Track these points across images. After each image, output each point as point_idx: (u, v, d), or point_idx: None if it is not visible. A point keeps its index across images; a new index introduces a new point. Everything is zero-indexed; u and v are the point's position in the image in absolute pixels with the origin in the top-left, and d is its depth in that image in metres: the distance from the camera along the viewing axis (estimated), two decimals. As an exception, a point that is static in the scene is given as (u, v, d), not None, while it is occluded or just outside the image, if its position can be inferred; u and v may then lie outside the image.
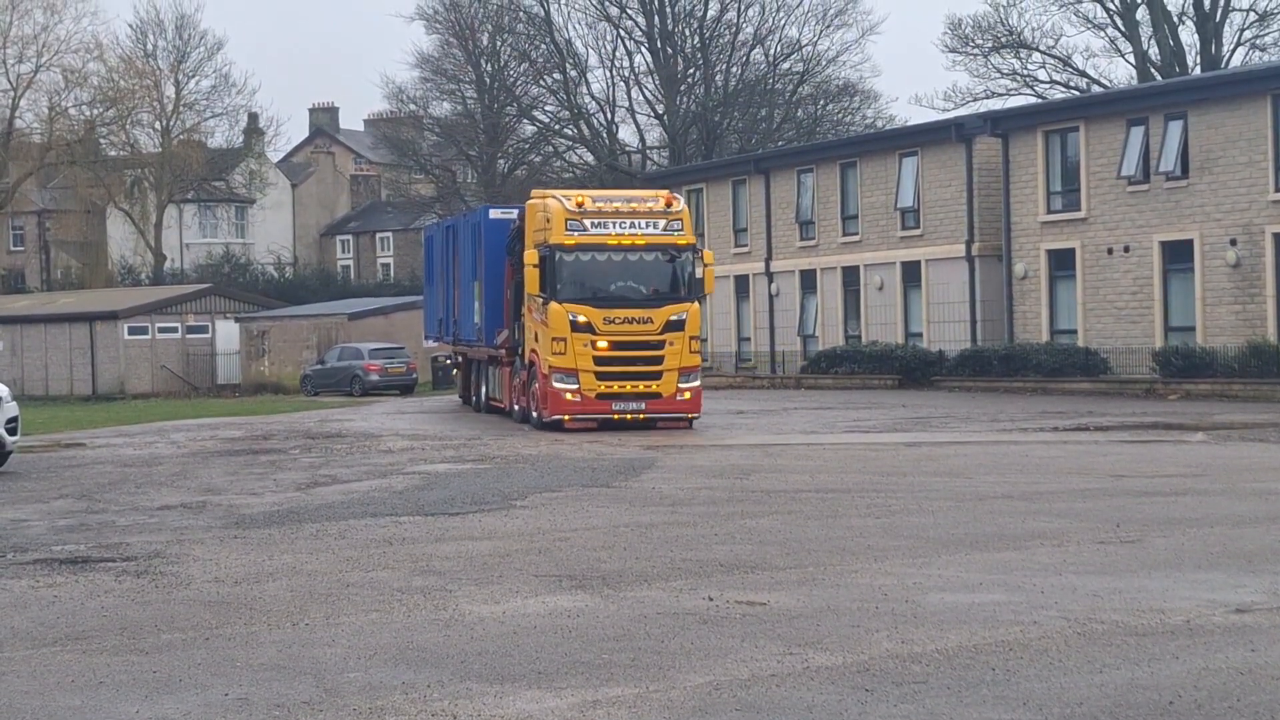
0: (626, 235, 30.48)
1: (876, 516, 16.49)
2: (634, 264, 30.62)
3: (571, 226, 30.36)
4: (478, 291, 35.91)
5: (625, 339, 30.25)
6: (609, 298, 30.47)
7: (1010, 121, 47.92)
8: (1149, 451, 24.63)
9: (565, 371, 30.22)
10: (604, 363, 30.23)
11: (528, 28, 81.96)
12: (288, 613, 11.46)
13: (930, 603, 11.40)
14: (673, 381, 30.44)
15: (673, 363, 30.41)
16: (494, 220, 35.11)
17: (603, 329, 30.15)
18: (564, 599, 11.78)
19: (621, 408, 30.45)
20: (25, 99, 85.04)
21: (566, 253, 30.29)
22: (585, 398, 30.28)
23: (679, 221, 30.89)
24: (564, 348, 30.13)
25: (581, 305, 30.21)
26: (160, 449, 28.85)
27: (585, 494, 19.28)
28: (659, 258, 30.65)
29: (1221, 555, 13.49)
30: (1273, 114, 39.63)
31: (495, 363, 35.84)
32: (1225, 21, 67.10)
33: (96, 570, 13.70)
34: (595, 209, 30.67)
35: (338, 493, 19.99)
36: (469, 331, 37.33)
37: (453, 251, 39.20)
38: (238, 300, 75.72)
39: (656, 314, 30.34)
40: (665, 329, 30.32)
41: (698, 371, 31.32)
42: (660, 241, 30.59)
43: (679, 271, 30.73)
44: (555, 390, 30.31)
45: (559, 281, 30.24)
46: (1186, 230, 41.63)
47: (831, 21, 79.56)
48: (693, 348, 30.78)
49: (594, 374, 30.22)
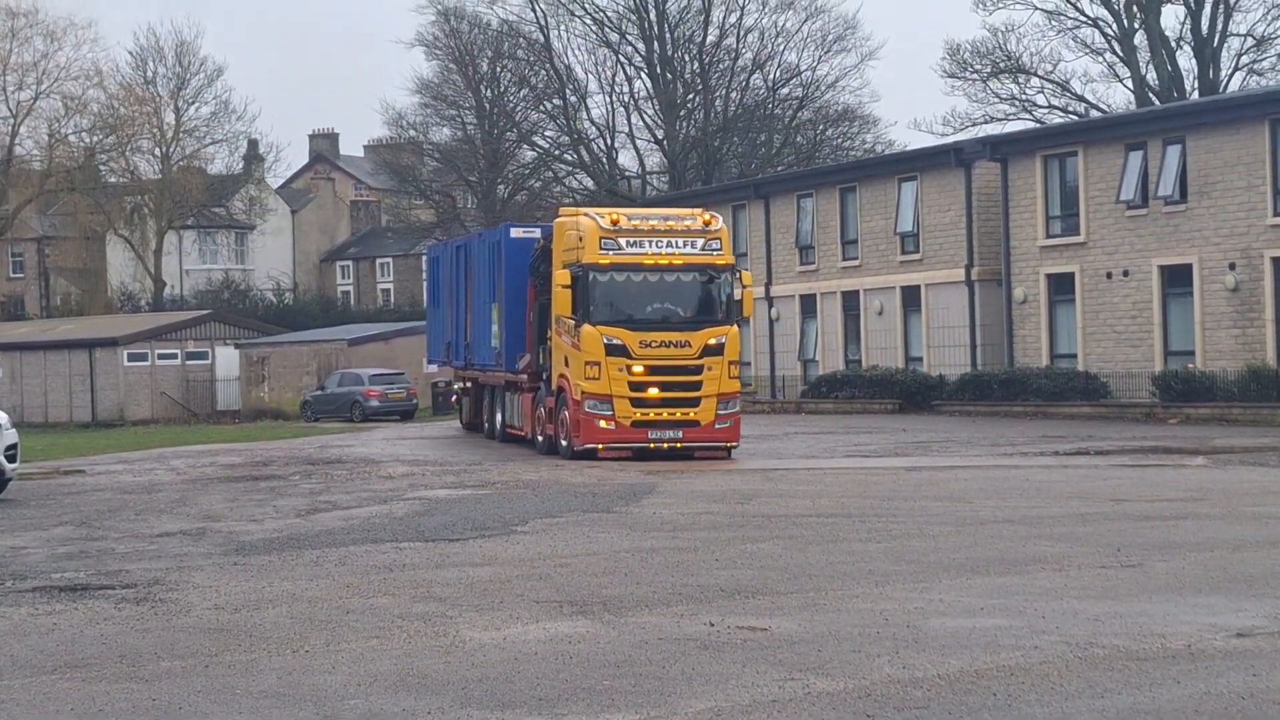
0: (663, 255, 29.14)
1: (877, 541, 16.48)
2: (671, 285, 29.37)
3: (606, 245, 29.02)
4: (496, 314, 34.38)
5: (662, 363, 28.98)
6: (645, 320, 29.12)
7: (1009, 146, 47.98)
8: (1149, 476, 24.61)
9: (599, 398, 28.95)
10: (640, 388, 28.93)
11: (527, 54, 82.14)
12: (288, 640, 11.44)
13: (932, 627, 11.39)
14: (711, 408, 29.14)
15: (711, 389, 29.12)
16: (516, 239, 33.52)
17: (638, 353, 28.87)
18: (565, 625, 11.76)
19: (658, 436, 29.13)
20: (25, 126, 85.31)
21: (601, 272, 28.98)
22: (620, 425, 28.98)
23: (718, 240, 29.59)
24: (598, 372, 28.87)
25: (616, 328, 28.91)
26: (160, 476, 28.82)
27: (586, 519, 19.26)
28: (697, 278, 29.41)
29: (1222, 579, 13.48)
30: (1271, 138, 39.69)
31: (515, 389, 34.15)
32: (1223, 47, 67.29)
33: (96, 598, 13.68)
34: (631, 227, 29.35)
35: (338, 519, 19.96)
36: (484, 356, 35.82)
37: (465, 272, 37.75)
38: (238, 326, 75.76)
39: (694, 337, 29.05)
40: (704, 353, 29.05)
41: (737, 398, 29.98)
42: (698, 261, 29.34)
43: (718, 293, 29.52)
44: (588, 417, 29.04)
45: (592, 303, 28.96)
46: (1185, 254, 41.66)
47: (830, 47, 79.80)
48: (732, 373, 29.46)
49: (629, 400, 28.91)
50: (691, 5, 78.99)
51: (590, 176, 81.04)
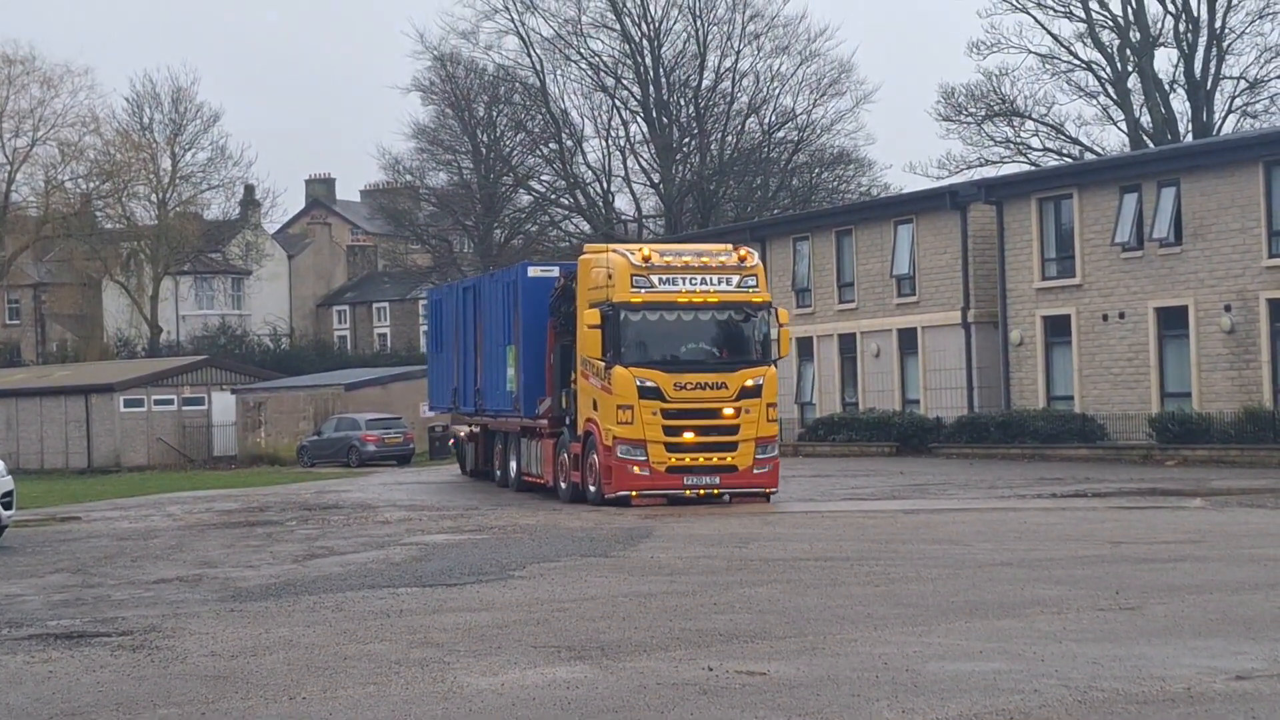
0: (698, 292, 28.07)
1: (876, 584, 16.44)
2: (705, 324, 28.34)
3: (638, 283, 27.90)
4: (512, 357, 32.94)
5: (698, 406, 27.83)
6: (679, 361, 28.03)
7: (1005, 189, 48.09)
8: (1147, 518, 24.58)
9: (631, 443, 27.73)
10: (674, 432, 27.78)
11: (524, 98, 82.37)
12: (285, 686, 11.40)
13: (930, 671, 11.36)
14: (749, 453, 28.01)
15: (749, 432, 27.98)
16: (534, 279, 32.11)
17: (673, 395, 27.73)
18: (563, 670, 11.72)
19: (694, 482, 27.96)
20: (21, 172, 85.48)
21: (632, 311, 27.87)
22: (654, 471, 27.78)
23: (753, 277, 28.54)
24: (630, 416, 27.67)
25: (649, 369, 27.80)
26: (156, 522, 28.77)
27: (583, 564, 19.22)
28: (732, 317, 28.41)
29: (1221, 622, 13.45)
30: (1265, 181, 39.78)
31: (532, 435, 32.62)
32: (1216, 89, 67.51)
33: (92, 645, 13.64)
34: (663, 263, 28.21)
35: (335, 564, 19.92)
36: (498, 401, 34.27)
37: (474, 314, 36.43)
38: (234, 372, 75.70)
39: (731, 378, 27.94)
40: (740, 395, 27.92)
41: (775, 442, 28.80)
42: (734, 299, 28.30)
43: (754, 332, 28.51)
44: (620, 463, 27.82)
45: (624, 343, 27.85)
46: (1181, 296, 41.71)
47: (825, 91, 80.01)
48: (770, 415, 28.32)
49: (663, 445, 27.72)
50: (687, 50, 79.33)
51: (587, 220, 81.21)
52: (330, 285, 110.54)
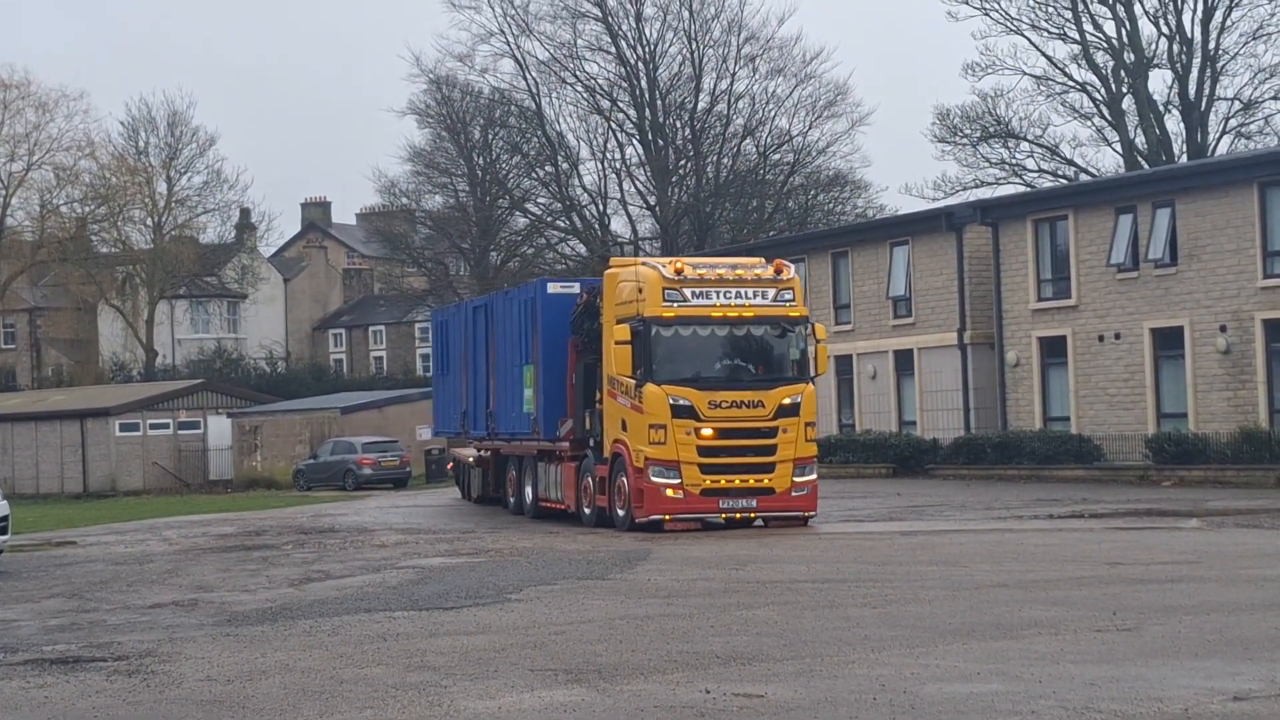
0: (733, 306, 27.04)
1: (873, 606, 16.42)
2: (741, 339, 27.28)
3: (670, 296, 26.82)
4: (530, 377, 31.55)
5: (734, 425, 26.79)
6: (714, 378, 26.96)
7: (1000, 210, 48.16)
8: (1144, 539, 24.57)
9: (665, 464, 26.60)
10: (710, 453, 26.67)
11: (519, 121, 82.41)
12: (281, 711, 11.38)
13: (928, 693, 11.34)
14: (787, 474, 27.10)
15: (787, 453, 27.09)
16: (553, 295, 30.95)
17: (708, 414, 26.65)
18: (560, 693, 11.70)
19: (730, 505, 26.95)
20: (17, 197, 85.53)
21: (665, 326, 26.78)
22: (689, 494, 26.66)
23: (790, 291, 27.55)
24: (663, 436, 26.56)
25: (683, 387, 26.70)
26: (152, 546, 28.75)
27: (580, 586, 19.21)
28: (768, 332, 27.39)
29: (1218, 643, 13.44)
30: (1259, 201, 39.83)
31: (551, 458, 31.34)
32: (1210, 110, 67.64)
33: (87, 670, 13.61)
34: (696, 276, 27.14)
35: (331, 588, 19.90)
36: (515, 423, 32.75)
37: (486, 335, 35.03)
38: (230, 395, 75.70)
39: (768, 396, 27.02)
40: (778, 414, 27.03)
41: (814, 463, 28.01)
42: (770, 314, 27.30)
43: (791, 348, 27.62)
44: (653, 486, 26.66)
45: (655, 360, 26.76)
46: (1176, 317, 41.74)
47: (821, 113, 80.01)
48: (809, 435, 27.62)
49: (698, 466, 26.65)
50: (682, 72, 79.38)
51: (583, 243, 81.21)
52: (326, 308, 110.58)
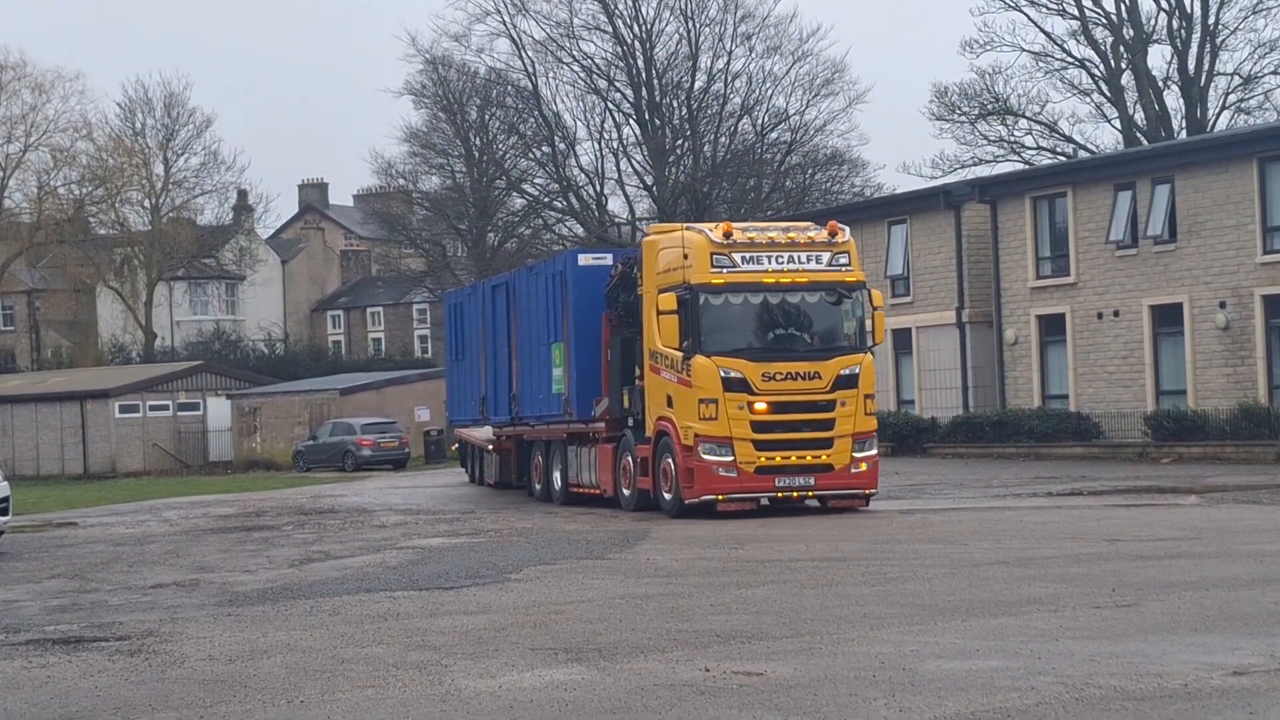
0: (785, 272, 25.46)
1: (872, 584, 16.44)
2: (794, 307, 25.68)
3: (718, 262, 25.28)
4: (559, 355, 30.02)
5: (789, 399, 25.27)
6: (767, 349, 25.47)
7: (998, 188, 48.13)
8: (1143, 515, 24.59)
9: (717, 441, 25.06)
10: (764, 428, 25.18)
11: (516, 101, 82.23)
12: (282, 690, 11.39)
13: (927, 670, 11.36)
14: (846, 450, 25.59)
15: (845, 427, 25.58)
16: (584, 268, 29.39)
17: (761, 387, 25.11)
18: (560, 672, 11.72)
19: (786, 483, 25.40)
20: (14, 179, 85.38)
21: (713, 294, 25.24)
22: (742, 472, 25.14)
23: (845, 254, 26.01)
24: (714, 411, 25.00)
25: (734, 358, 25.16)
26: (152, 527, 28.77)
27: (580, 566, 19.23)
28: (824, 298, 25.82)
29: (1218, 618, 13.45)
30: (1259, 177, 39.82)
31: (583, 441, 29.73)
32: (1210, 86, 67.54)
33: (89, 650, 13.63)
34: (746, 240, 25.59)
35: (331, 569, 19.92)
36: (541, 405, 31.21)
37: (507, 313, 33.47)
38: (229, 377, 75.68)
39: (824, 367, 25.46)
40: (835, 386, 25.48)
41: (874, 437, 26.57)
42: (826, 279, 25.73)
43: (848, 315, 26.07)
44: (705, 464, 25.12)
45: (703, 330, 25.20)
46: (1176, 294, 41.74)
47: (818, 91, 79.86)
48: (868, 408, 26.06)
49: (752, 443, 25.12)
50: (679, 52, 79.22)
51: (580, 223, 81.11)
52: (324, 290, 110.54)
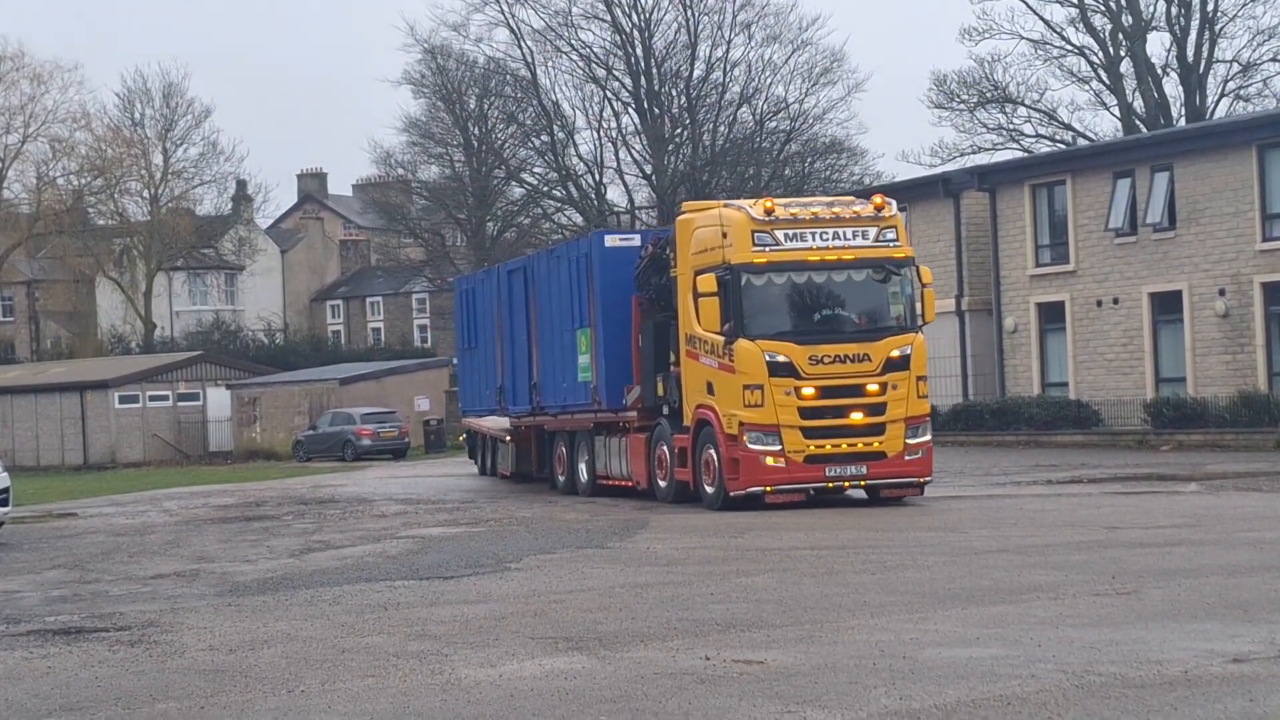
0: (830, 249, 24.34)
1: (872, 572, 16.45)
2: (841, 286, 24.63)
3: (760, 240, 24.18)
4: (585, 342, 28.92)
5: (838, 383, 24.12)
6: (813, 331, 24.44)
7: (998, 176, 48.10)
8: (1143, 503, 24.60)
9: (763, 429, 23.97)
10: (813, 415, 24.06)
11: (515, 90, 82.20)
12: (283, 680, 11.40)
13: (928, 658, 11.36)
14: (899, 436, 24.41)
15: (898, 411, 24.38)
16: (611, 249, 28.23)
17: (809, 372, 23.97)
18: (560, 661, 11.73)
19: (837, 473, 24.29)
20: (13, 169, 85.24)
21: (756, 274, 24.13)
22: (790, 462, 24.04)
23: (893, 230, 24.90)
24: (760, 397, 23.89)
25: (779, 341, 24.06)
26: (153, 517, 28.78)
27: (580, 555, 19.24)
28: (871, 276, 24.74)
29: (1218, 605, 13.46)
30: (1258, 164, 39.80)
31: (613, 431, 28.58)
32: (1209, 73, 67.51)
33: (90, 640, 13.64)
34: (789, 216, 24.45)
35: (331, 558, 19.93)
36: (567, 394, 30.05)
37: (526, 299, 32.26)
38: (229, 367, 75.60)
39: (874, 349, 24.29)
40: (886, 368, 24.28)
41: (927, 423, 25.26)
42: (873, 255, 24.64)
43: (897, 294, 24.99)
44: (751, 454, 24.01)
45: (746, 312, 24.09)
46: (1175, 281, 41.74)
47: (817, 80, 79.83)
48: (920, 391, 24.77)
49: (800, 430, 24.01)
50: (678, 40, 79.19)
51: (579, 212, 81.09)
52: (323, 280, 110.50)
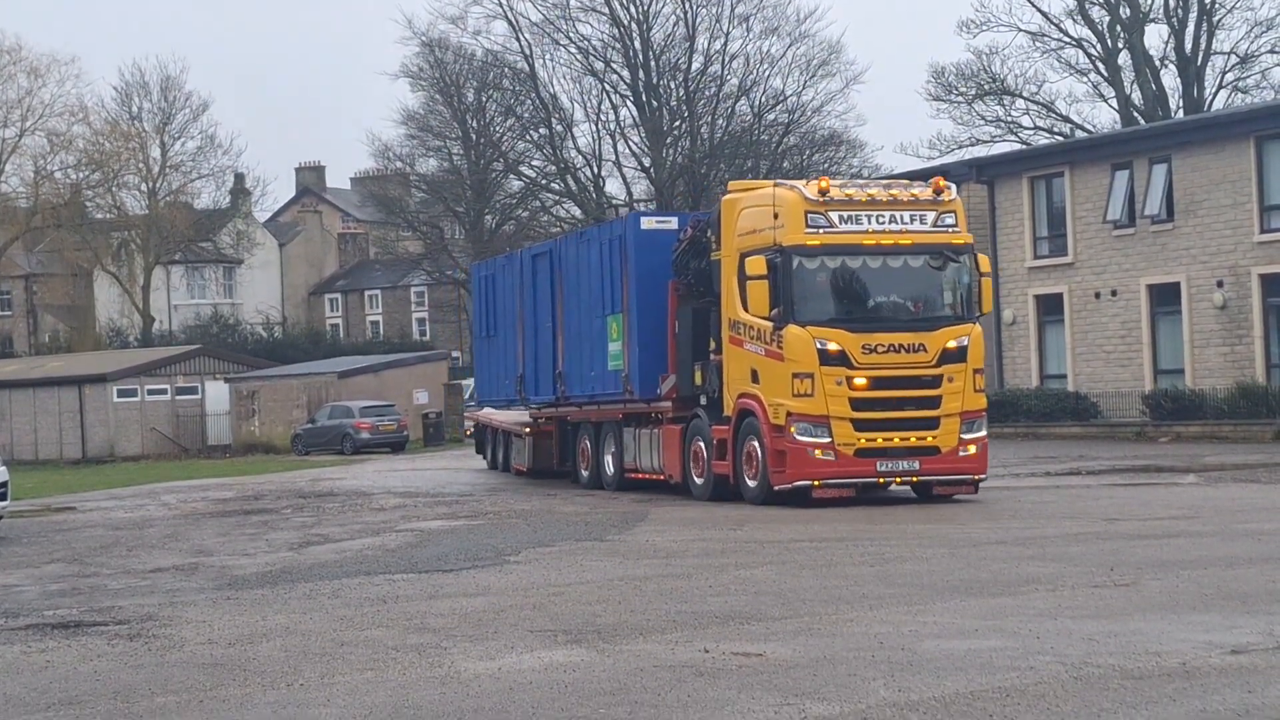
0: (887, 233, 23.44)
1: (871, 565, 16.46)
2: (897, 272, 23.72)
3: (814, 221, 23.19)
4: (617, 328, 27.90)
5: (892, 374, 23.26)
6: (867, 318, 23.54)
7: (996, 168, 48.09)
8: (1141, 494, 24.62)
9: (812, 420, 23.01)
10: (864, 406, 23.17)
11: (513, 83, 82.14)
12: (282, 673, 11.40)
13: (927, 650, 11.37)
14: (953, 431, 23.44)
15: (953, 405, 23.41)
16: (647, 232, 27.32)
17: (861, 361, 23.07)
18: (559, 654, 11.73)
19: (889, 468, 23.37)
20: (10, 163, 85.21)
21: (808, 257, 23.19)
22: (840, 455, 23.08)
23: (952, 214, 23.95)
24: (810, 387, 22.95)
25: (831, 328, 23.15)
26: (151, 511, 28.77)
27: (579, 548, 19.24)
28: (928, 263, 23.83)
29: (1216, 597, 13.47)
30: (1256, 156, 39.81)
31: (644, 421, 27.68)
32: (1207, 65, 67.51)
33: (89, 634, 13.64)
34: (844, 197, 23.46)
35: (330, 552, 19.93)
36: (595, 383, 29.11)
37: (551, 284, 31.23)
38: (227, 361, 75.58)
39: (930, 339, 23.38)
40: (942, 359, 23.39)
41: (983, 417, 24.16)
42: (932, 241, 23.72)
43: (955, 281, 24.05)
44: (798, 446, 23.08)
45: (796, 297, 23.17)
46: (1173, 273, 41.75)
47: (815, 72, 79.76)
48: (977, 384, 23.79)
49: (851, 423, 23.09)
50: (676, 33, 79.12)
51: (578, 205, 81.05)
52: (322, 273, 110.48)
